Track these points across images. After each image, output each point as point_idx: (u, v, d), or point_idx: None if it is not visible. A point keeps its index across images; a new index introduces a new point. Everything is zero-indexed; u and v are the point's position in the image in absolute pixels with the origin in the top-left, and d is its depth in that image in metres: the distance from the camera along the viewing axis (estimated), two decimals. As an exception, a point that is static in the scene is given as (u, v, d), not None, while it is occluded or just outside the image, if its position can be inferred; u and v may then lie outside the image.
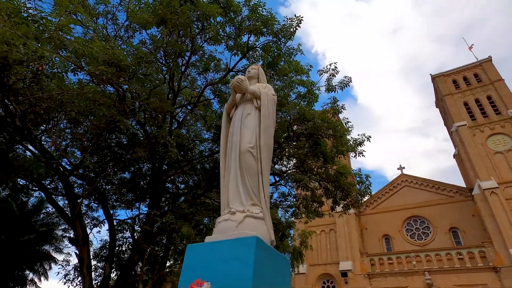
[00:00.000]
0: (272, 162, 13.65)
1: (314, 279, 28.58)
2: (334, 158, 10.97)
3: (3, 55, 5.54)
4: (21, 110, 7.76)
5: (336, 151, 9.82)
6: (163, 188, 13.47)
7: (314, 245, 29.29)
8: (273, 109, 4.11)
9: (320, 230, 30.80)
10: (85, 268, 9.65)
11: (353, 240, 28.49)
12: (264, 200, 3.44)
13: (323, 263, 29.03)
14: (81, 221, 9.85)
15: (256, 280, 2.53)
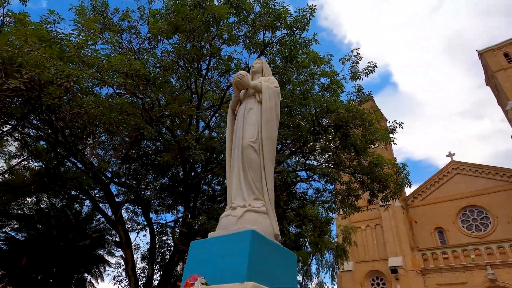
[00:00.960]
0: (304, 157, 13.44)
1: (362, 277, 27.52)
2: (366, 149, 10.49)
3: (37, 76, 6.11)
4: (61, 126, 8.49)
5: (366, 141, 9.36)
6: (199, 190, 13.88)
7: (359, 241, 28.24)
8: (275, 101, 4.03)
9: (365, 225, 29.57)
10: (129, 270, 10.27)
11: (401, 235, 26.96)
12: (268, 194, 3.38)
13: (371, 260, 27.82)
14: (123, 225, 10.51)
15: (252, 274, 2.49)
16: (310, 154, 12.66)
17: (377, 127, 9.84)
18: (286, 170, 9.09)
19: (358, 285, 27.12)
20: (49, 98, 6.16)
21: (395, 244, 26.58)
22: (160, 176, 13.58)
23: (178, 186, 13.67)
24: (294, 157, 13.87)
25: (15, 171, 14.44)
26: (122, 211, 15.86)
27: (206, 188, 15.56)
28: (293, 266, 3.12)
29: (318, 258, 22.25)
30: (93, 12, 9.50)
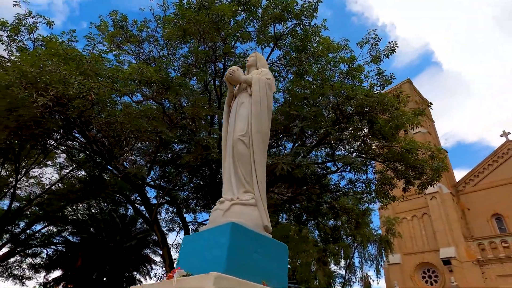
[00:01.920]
0: (331, 149, 13.07)
1: (412, 269, 26.09)
2: (394, 134, 9.93)
3: (62, 92, 6.67)
4: (93, 136, 9.18)
5: (391, 126, 8.85)
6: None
7: (406, 232, 26.81)
8: (266, 93, 4.00)
9: (411, 215, 27.99)
10: (167, 267, 10.80)
11: (452, 223, 25.12)
12: (258, 187, 3.37)
13: (420, 251, 26.29)
14: (158, 226, 11.08)
15: (231, 265, 2.52)
16: (338, 145, 12.29)
17: (403, 110, 9.25)
18: (308, 163, 8.89)
19: (407, 279, 25.79)
20: (74, 111, 6.67)
21: (446, 234, 24.82)
22: (194, 177, 14.06)
23: (210, 185, 14.07)
24: (322, 149, 13.58)
25: (65, 180, 15.90)
26: (163, 212, 16.77)
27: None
28: (282, 257, 3.08)
29: (361, 251, 21.53)
30: (114, 26, 10.09)
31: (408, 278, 25.79)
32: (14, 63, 6.41)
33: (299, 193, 13.20)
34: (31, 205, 15.87)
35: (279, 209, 14.81)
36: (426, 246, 26.19)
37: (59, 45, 6.33)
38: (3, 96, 6.67)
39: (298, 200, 14.57)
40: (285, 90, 11.17)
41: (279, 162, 7.52)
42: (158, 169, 12.58)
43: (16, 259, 19.60)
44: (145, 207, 10.98)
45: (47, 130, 8.86)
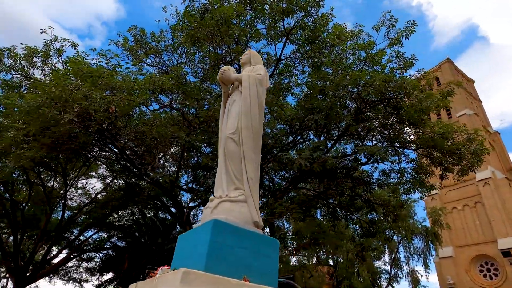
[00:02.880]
0: (360, 140, 12.58)
1: (467, 263, 24.19)
2: (423, 119, 9.30)
3: (85, 107, 7.21)
4: (121, 146, 9.77)
5: (416, 110, 8.30)
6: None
7: (457, 223, 24.94)
8: (256, 89, 3.98)
9: (462, 204, 25.96)
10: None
11: (510, 211, 22.85)
12: (248, 183, 3.37)
13: (474, 243, 24.29)
14: (190, 227, 11.48)
15: (211, 262, 2.56)
16: (366, 135, 11.80)
17: (430, 93, 8.62)
18: (327, 157, 8.64)
19: (462, 272, 23.95)
20: (96, 124, 7.17)
21: (504, 223, 22.67)
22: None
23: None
24: (351, 141, 13.13)
25: (107, 189, 17.11)
26: (199, 214, 17.32)
27: (270, 184, 15.87)
28: (272, 253, 3.04)
29: (405, 245, 20.43)
30: (134, 40, 10.66)
31: (463, 272, 23.96)
32: (41, 84, 7.04)
33: (329, 188, 12.88)
34: (80, 213, 17.30)
35: (311, 205, 14.57)
36: (481, 237, 24.13)
37: (77, 64, 6.85)
38: (36, 116, 7.35)
39: (331, 195, 14.23)
40: (304, 84, 11.00)
41: (297, 158, 7.41)
42: (191, 173, 13.04)
43: (74, 264, 21.51)
44: (177, 210, 11.44)
45: (82, 143, 9.60)
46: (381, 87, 7.71)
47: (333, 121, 9.14)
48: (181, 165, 10.53)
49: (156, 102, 8.42)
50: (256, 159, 3.62)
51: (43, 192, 14.77)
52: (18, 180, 14.71)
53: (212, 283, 2.23)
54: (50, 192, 16.07)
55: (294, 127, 10.78)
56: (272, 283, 2.83)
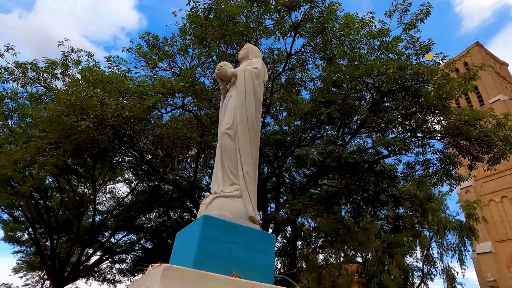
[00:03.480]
0: (381, 133, 12.13)
1: (508, 258, 22.63)
2: (446, 106, 8.79)
3: (100, 113, 7.47)
4: (140, 150, 10.05)
5: (437, 96, 7.84)
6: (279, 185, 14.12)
7: (495, 217, 23.42)
8: (253, 83, 3.91)
9: (500, 196, 24.32)
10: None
11: (556, 202, 21.14)
12: (243, 178, 3.32)
13: (516, 237, 22.70)
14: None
15: (201, 257, 2.54)
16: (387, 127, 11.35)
17: (451, 78, 8.12)
18: (341, 150, 8.36)
19: (503, 269, 22.44)
20: (111, 129, 7.41)
21: (549, 214, 20.99)
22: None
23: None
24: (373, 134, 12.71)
25: (134, 192, 17.72)
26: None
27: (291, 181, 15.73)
28: (267, 248, 2.96)
29: (438, 240, 19.46)
30: (148, 46, 10.93)
31: (505, 268, 22.44)
32: (59, 94, 7.38)
33: (351, 183, 12.53)
34: (110, 217, 18.03)
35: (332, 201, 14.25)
36: (524, 230, 22.51)
37: (88, 72, 7.14)
38: (57, 125, 7.72)
39: (354, 190, 13.85)
40: (318, 77, 10.76)
41: (309, 153, 7.26)
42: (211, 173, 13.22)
43: (107, 265, 22.48)
44: (197, 210, 11.60)
45: (102, 149, 9.98)
46: (395, 75, 7.36)
47: (348, 114, 8.85)
48: (198, 166, 10.65)
49: (168, 104, 8.57)
50: (253, 153, 3.55)
51: (74, 198, 15.53)
52: (50, 187, 15.58)
53: (195, 279, 2.20)
54: (81, 197, 16.90)
55: (310, 122, 10.59)
56: (267, 278, 2.76)
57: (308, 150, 7.39)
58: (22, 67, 8.66)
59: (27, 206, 15.50)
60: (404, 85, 8.91)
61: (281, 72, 9.92)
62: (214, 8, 7.36)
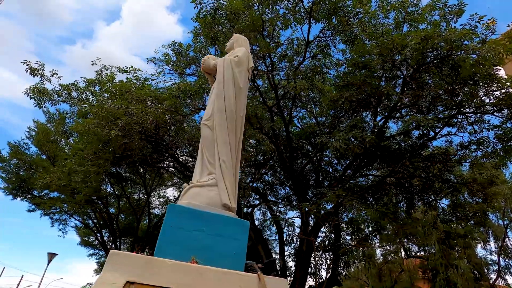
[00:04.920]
0: (423, 113, 11.04)
1: None
2: (491, 75, 7.66)
3: (127, 121, 8.05)
4: (172, 153, 10.58)
5: (473, 64, 6.87)
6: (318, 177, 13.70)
7: None
8: (232, 71, 3.87)
9: None
10: (264, 262, 11.28)
11: None
12: (220, 166, 3.29)
13: None
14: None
15: (163, 245, 2.59)
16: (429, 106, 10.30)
17: (491, 40, 7.05)
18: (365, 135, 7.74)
19: None
20: (137, 136, 7.93)
21: None
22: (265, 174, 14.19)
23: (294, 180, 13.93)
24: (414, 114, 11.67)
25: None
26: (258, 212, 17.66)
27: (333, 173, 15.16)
28: (238, 235, 2.88)
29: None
30: (174, 54, 11.47)
31: None
32: (91, 108, 8.12)
33: (394, 171, 11.62)
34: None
35: (380, 191, 13.37)
36: None
37: (108, 84, 7.76)
38: (94, 136, 8.51)
39: (403, 178, 12.84)
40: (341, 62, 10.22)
41: (329, 140, 6.91)
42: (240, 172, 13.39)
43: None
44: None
45: (142, 156, 10.72)
46: (419, 46, 6.62)
47: (374, 95, 8.22)
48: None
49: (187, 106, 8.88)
50: (231, 142, 3.50)
51: (129, 204, 16.94)
52: (110, 195, 17.23)
53: (142, 264, 2.24)
54: (137, 202, 18.40)
55: (340, 109, 10.10)
56: (236, 265, 2.69)
57: (328, 138, 7.03)
58: (66, 88, 9.69)
59: (94, 212, 17.33)
60: (439, 56, 8.02)
61: (302, 61, 9.63)
62: (217, 6, 7.42)
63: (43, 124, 14.80)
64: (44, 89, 9.26)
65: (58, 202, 13.82)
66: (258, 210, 15.35)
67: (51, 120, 14.89)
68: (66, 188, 12.15)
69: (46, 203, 13.90)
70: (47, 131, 14.10)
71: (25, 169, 14.47)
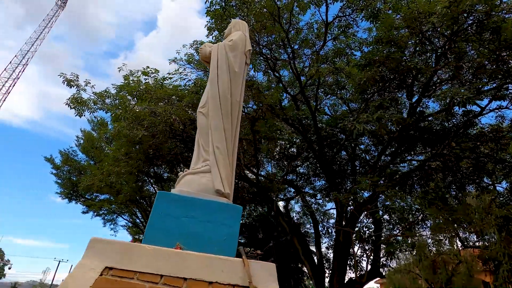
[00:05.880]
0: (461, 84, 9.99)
1: None
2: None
3: (152, 121, 8.33)
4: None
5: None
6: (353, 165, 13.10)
7: None
8: (226, 56, 3.77)
9: None
10: (301, 255, 11.06)
11: None
12: (214, 152, 3.22)
13: None
14: (282, 217, 11.57)
15: (151, 233, 2.58)
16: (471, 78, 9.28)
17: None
18: (391, 114, 7.10)
19: None
20: (164, 134, 8.18)
21: None
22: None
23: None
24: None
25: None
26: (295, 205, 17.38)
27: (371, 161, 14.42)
28: (229, 220, 2.77)
29: None
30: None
31: None
32: (124, 111, 8.54)
33: (436, 154, 10.68)
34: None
35: (423, 176, 12.40)
36: None
37: (128, 86, 8.09)
38: (125, 138, 8.95)
39: (448, 161, 11.79)
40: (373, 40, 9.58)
41: (353, 123, 6.50)
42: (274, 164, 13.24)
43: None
44: (264, 202, 11.74)
45: (174, 155, 11.08)
46: (447, 11, 5.92)
47: (399, 71, 7.55)
48: (257, 157, 10.78)
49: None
50: (226, 127, 3.40)
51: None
52: (153, 194, 18.15)
53: (122, 250, 2.24)
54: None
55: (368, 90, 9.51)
56: (226, 251, 2.60)
57: (351, 122, 6.62)
58: (100, 96, 10.32)
59: (139, 211, 18.38)
60: (476, 20, 7.16)
61: (323, 45, 9.21)
62: (226, 7, 7.35)
63: (89, 132, 16.01)
64: (81, 99, 9.95)
65: (105, 203, 14.87)
66: (297, 203, 15.15)
67: (95, 128, 16.05)
68: (111, 190, 13.04)
69: (96, 205, 15.03)
70: (92, 138, 15.22)
71: (76, 174, 15.80)
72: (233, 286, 2.23)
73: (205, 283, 2.19)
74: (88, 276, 2.05)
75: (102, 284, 2.04)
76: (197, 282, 2.18)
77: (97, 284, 2.03)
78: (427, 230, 14.86)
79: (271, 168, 13.71)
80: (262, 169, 13.24)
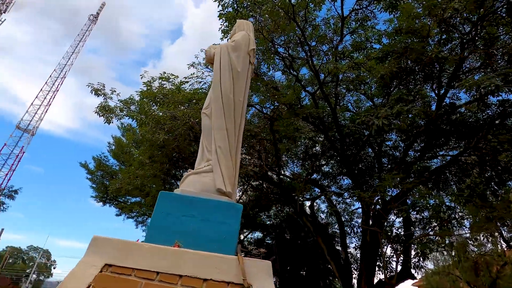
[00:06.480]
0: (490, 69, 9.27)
1: None
2: None
3: (172, 125, 8.58)
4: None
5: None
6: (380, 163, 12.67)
7: None
8: (228, 57, 3.80)
9: None
10: (327, 255, 10.84)
11: None
12: (216, 153, 3.25)
13: None
14: (307, 217, 11.41)
15: (153, 233, 2.66)
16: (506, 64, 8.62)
17: None
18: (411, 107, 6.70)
19: None
20: (185, 137, 8.39)
21: None
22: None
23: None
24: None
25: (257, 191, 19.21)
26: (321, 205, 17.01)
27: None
28: (229, 219, 2.77)
29: None
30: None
31: None
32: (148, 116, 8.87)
33: (469, 147, 10.04)
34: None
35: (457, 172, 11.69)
36: None
37: (147, 92, 8.38)
38: (148, 142, 9.29)
39: (484, 155, 11.04)
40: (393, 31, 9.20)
41: (371, 119, 6.27)
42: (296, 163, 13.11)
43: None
44: (288, 202, 11.64)
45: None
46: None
47: (419, 62, 7.16)
48: (279, 157, 10.73)
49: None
50: (228, 127, 3.42)
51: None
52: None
53: (120, 248, 2.32)
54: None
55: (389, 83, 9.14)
56: (225, 249, 2.61)
57: (369, 116, 6.38)
58: (125, 103, 10.79)
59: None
60: (506, 1, 6.67)
61: (340, 40, 8.99)
62: (237, 8, 7.38)
63: (119, 137, 16.80)
64: (108, 106, 10.46)
65: (135, 206, 15.52)
66: (324, 203, 14.88)
67: (124, 133, 16.82)
68: (140, 193, 13.58)
69: (126, 207, 15.73)
70: (121, 143, 15.96)
71: (108, 178, 16.65)
72: (227, 283, 2.24)
73: (200, 280, 2.22)
74: (88, 273, 2.15)
75: (101, 281, 2.14)
76: (192, 279, 2.21)
77: (96, 280, 2.13)
78: (465, 229, 13.96)
79: (295, 168, 13.58)
80: (286, 169, 13.16)
